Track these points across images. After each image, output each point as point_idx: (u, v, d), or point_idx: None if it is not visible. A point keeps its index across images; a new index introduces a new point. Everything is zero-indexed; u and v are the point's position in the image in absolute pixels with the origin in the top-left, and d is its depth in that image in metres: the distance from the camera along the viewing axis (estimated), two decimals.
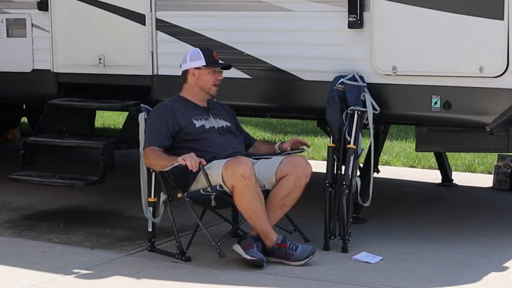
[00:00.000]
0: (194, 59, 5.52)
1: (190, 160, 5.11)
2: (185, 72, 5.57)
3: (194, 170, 5.14)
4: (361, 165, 6.07)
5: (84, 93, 7.00)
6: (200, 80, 5.53)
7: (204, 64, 5.50)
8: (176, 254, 5.36)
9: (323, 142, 9.49)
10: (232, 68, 6.06)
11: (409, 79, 5.60)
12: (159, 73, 6.43)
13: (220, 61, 5.58)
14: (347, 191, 5.52)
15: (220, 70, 5.56)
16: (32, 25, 6.94)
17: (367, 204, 5.72)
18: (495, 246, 5.61)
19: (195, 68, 5.52)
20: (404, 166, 8.57)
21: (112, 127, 11.17)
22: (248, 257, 5.15)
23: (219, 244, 5.22)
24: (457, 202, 6.99)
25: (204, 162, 5.16)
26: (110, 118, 11.74)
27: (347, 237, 5.51)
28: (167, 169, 5.25)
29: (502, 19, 5.26)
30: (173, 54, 6.13)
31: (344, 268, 5.17)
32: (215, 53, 5.56)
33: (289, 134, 10.46)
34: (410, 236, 5.86)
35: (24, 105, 9.21)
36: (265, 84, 6.09)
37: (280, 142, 5.79)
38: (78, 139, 6.64)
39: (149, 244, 5.56)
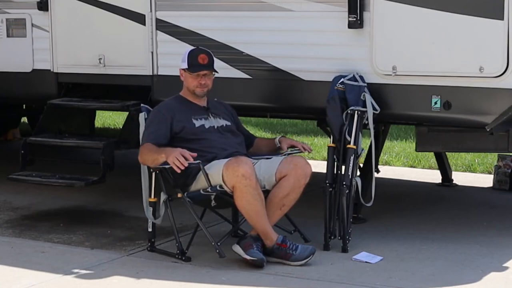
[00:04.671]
0: (183, 60, 5.55)
1: (176, 162, 5.12)
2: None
3: (177, 170, 5.15)
4: (361, 165, 6.07)
5: (84, 93, 7.00)
6: (185, 81, 5.57)
7: (187, 67, 5.51)
8: (176, 254, 5.36)
9: (323, 142, 9.49)
10: (232, 68, 6.07)
11: (409, 79, 5.60)
12: (159, 73, 6.43)
13: (204, 64, 5.47)
14: (347, 191, 5.53)
15: (206, 73, 5.50)
16: (32, 25, 6.94)
17: (369, 204, 5.72)
18: (495, 246, 5.61)
19: (182, 69, 5.55)
20: (404, 166, 8.57)
21: (112, 127, 11.17)
22: (248, 257, 5.16)
23: (219, 244, 5.22)
24: (457, 202, 6.99)
25: (190, 158, 5.14)
26: (110, 118, 11.74)
27: (347, 237, 5.51)
28: (158, 166, 5.27)
29: (502, 19, 5.26)
30: (173, 54, 6.12)
31: (344, 268, 5.17)
32: (203, 56, 5.48)
33: (289, 134, 10.46)
34: (410, 236, 5.87)
35: (24, 105, 9.21)
36: (265, 84, 6.09)
37: (281, 136, 5.77)
38: (78, 139, 6.64)
39: (149, 244, 5.56)
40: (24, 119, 10.12)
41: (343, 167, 5.59)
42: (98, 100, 6.90)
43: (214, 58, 5.57)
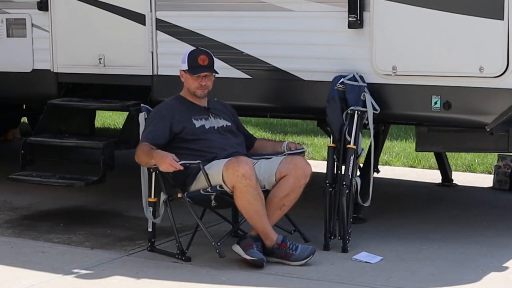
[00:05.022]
0: (183, 61, 5.55)
1: (164, 166, 5.16)
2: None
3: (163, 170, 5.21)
4: (361, 165, 6.07)
5: (84, 93, 7.00)
6: (186, 82, 5.57)
7: (187, 68, 5.51)
8: (176, 254, 5.36)
9: (323, 142, 9.49)
10: (232, 68, 6.07)
11: (409, 79, 5.60)
12: (159, 73, 6.43)
13: (205, 65, 5.47)
14: (347, 191, 5.52)
15: (206, 74, 5.50)
16: (32, 25, 6.94)
17: (367, 204, 5.72)
18: (495, 246, 5.61)
19: (182, 70, 5.55)
20: (404, 166, 8.57)
21: (112, 127, 11.17)
22: (248, 257, 5.16)
23: (219, 244, 5.22)
24: (457, 202, 6.99)
25: (178, 168, 5.16)
26: (110, 118, 11.74)
27: (347, 237, 5.51)
28: (151, 167, 5.32)
29: (502, 19, 5.26)
30: (173, 54, 6.13)
31: (344, 268, 5.17)
32: (203, 57, 5.48)
33: (289, 134, 10.47)
34: (410, 236, 5.87)
35: (24, 105, 9.21)
36: (265, 84, 6.09)
37: (289, 141, 5.76)
38: (78, 139, 6.64)
39: (149, 244, 5.56)
40: (24, 119, 10.11)
41: (343, 167, 5.59)
42: (98, 100, 6.90)
43: (214, 58, 5.57)
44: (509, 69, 5.30)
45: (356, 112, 5.60)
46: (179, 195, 5.34)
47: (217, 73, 5.57)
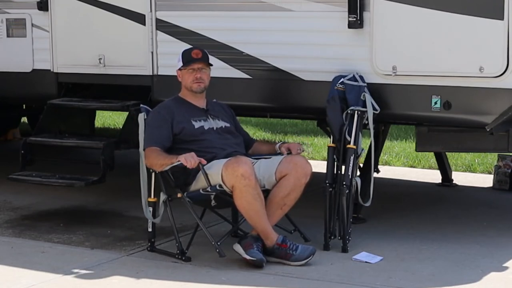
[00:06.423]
0: (177, 60, 5.57)
1: (189, 160, 5.13)
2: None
3: (190, 167, 5.14)
4: (361, 165, 6.07)
5: (84, 93, 7.00)
6: (182, 80, 5.58)
7: (182, 64, 5.52)
8: (176, 254, 5.36)
9: (323, 142, 9.49)
10: (232, 68, 6.07)
11: (409, 79, 5.60)
12: (159, 73, 6.43)
13: (198, 58, 5.49)
14: (347, 191, 5.53)
15: (200, 67, 5.51)
16: (32, 25, 6.94)
17: (367, 204, 5.72)
18: (495, 246, 5.62)
19: (178, 70, 5.56)
20: (404, 166, 8.57)
21: (112, 127, 11.17)
22: (247, 257, 5.16)
23: (219, 244, 5.22)
24: (457, 202, 6.99)
25: (204, 161, 5.18)
26: (110, 118, 11.74)
27: (347, 237, 5.51)
28: (167, 168, 5.25)
29: (502, 19, 5.26)
30: (173, 54, 6.09)
31: (344, 268, 5.17)
32: (196, 51, 5.52)
33: (289, 134, 10.47)
34: (410, 236, 5.87)
35: (24, 105, 9.21)
36: (265, 84, 6.10)
37: (281, 142, 5.78)
38: (78, 139, 6.65)
39: (149, 244, 5.56)
40: (24, 119, 10.12)
41: (343, 167, 5.59)
42: (98, 100, 6.89)
43: (215, 58, 5.58)
44: (509, 69, 5.30)
45: (356, 112, 5.60)
46: (179, 195, 5.34)
47: (211, 65, 5.57)
